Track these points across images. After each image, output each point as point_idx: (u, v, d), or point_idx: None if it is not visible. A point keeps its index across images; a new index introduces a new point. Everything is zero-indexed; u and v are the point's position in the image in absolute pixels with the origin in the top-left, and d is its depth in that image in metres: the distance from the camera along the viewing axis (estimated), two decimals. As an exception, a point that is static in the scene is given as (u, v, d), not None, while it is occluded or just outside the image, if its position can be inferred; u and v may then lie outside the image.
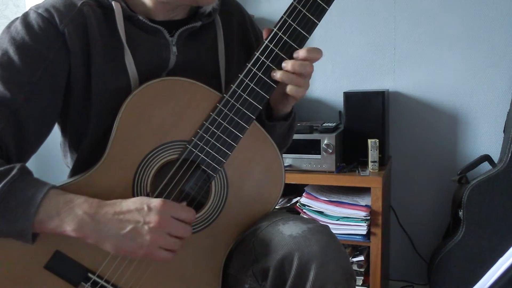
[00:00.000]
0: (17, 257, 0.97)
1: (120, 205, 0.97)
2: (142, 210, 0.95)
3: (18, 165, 0.96)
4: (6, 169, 0.94)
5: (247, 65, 1.06)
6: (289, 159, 2.29)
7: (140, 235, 0.94)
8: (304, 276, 0.96)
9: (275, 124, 1.20)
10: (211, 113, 1.06)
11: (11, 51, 1.01)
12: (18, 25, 1.04)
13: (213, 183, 1.08)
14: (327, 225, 1.05)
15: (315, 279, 0.94)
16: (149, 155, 1.04)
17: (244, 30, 1.27)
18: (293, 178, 2.27)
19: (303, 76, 1.08)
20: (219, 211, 1.09)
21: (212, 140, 1.05)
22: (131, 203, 0.97)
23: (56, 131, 1.16)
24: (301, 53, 1.06)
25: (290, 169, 2.29)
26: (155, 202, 0.96)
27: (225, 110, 1.06)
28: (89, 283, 1.00)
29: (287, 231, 1.02)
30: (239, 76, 1.06)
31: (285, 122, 1.22)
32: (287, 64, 1.06)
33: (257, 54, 1.06)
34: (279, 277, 0.99)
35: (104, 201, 0.97)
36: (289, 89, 1.08)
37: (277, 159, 1.13)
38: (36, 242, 0.96)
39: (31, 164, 1.04)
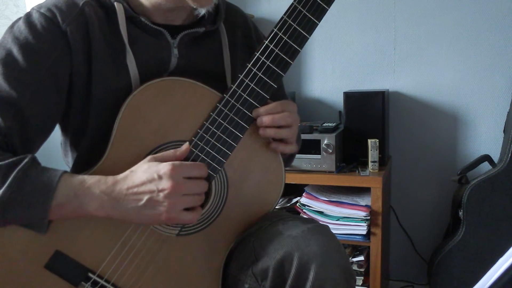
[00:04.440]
0: (17, 256, 0.97)
1: (131, 178, 0.97)
2: (153, 179, 0.96)
3: (29, 155, 0.97)
4: (18, 159, 0.95)
5: (247, 65, 1.06)
6: (289, 159, 2.28)
7: (158, 203, 0.96)
8: (303, 276, 0.96)
9: None
10: (211, 113, 1.06)
11: (15, 51, 1.02)
12: (21, 25, 1.04)
13: (213, 183, 1.08)
14: (327, 225, 1.06)
15: (314, 279, 0.94)
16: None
17: (248, 40, 1.27)
18: (293, 178, 2.27)
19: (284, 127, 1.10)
20: (219, 211, 1.09)
21: (212, 140, 1.05)
22: (142, 174, 0.97)
23: (56, 131, 1.16)
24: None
25: (290, 169, 2.28)
26: (164, 168, 0.97)
27: (225, 110, 1.06)
28: (89, 283, 1.00)
29: (287, 231, 1.02)
30: (239, 77, 1.06)
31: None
32: (262, 120, 1.07)
33: (257, 54, 1.06)
34: (279, 277, 0.99)
35: (116, 177, 0.98)
36: (274, 146, 1.12)
37: (277, 160, 1.14)
38: (36, 242, 0.97)
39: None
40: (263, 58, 1.06)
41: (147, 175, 0.97)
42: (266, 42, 1.06)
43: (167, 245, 1.05)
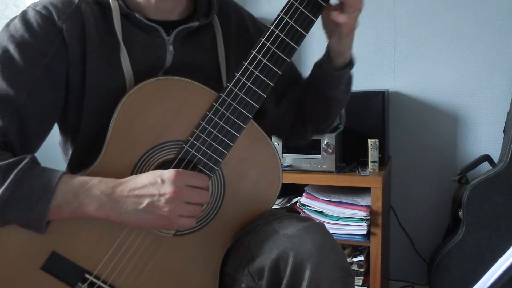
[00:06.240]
0: (13, 258, 0.97)
1: (134, 181, 0.97)
2: (156, 183, 0.96)
3: (29, 155, 0.97)
4: (18, 159, 0.95)
5: (244, 64, 1.05)
6: (289, 159, 2.29)
7: (157, 208, 0.95)
8: (299, 275, 0.95)
9: (344, 72, 1.19)
10: (207, 112, 1.04)
11: (11, 49, 1.02)
12: (17, 23, 1.04)
13: (210, 182, 1.07)
14: (323, 223, 1.05)
15: (310, 278, 0.94)
16: (146, 156, 1.04)
17: (244, 32, 1.26)
18: (293, 178, 2.27)
19: None
20: (216, 211, 1.09)
21: (209, 140, 1.04)
22: (145, 178, 0.97)
23: (55, 131, 1.16)
24: None
25: (290, 169, 2.29)
26: (168, 173, 0.97)
27: (222, 109, 1.05)
28: (86, 284, 1.00)
29: (282, 229, 1.01)
30: (236, 75, 1.05)
31: (350, 68, 1.21)
32: None
33: (254, 52, 1.05)
34: (274, 276, 0.98)
35: (119, 180, 0.98)
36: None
37: (274, 159, 1.13)
38: (33, 243, 0.96)
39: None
40: (259, 56, 1.05)
41: (150, 179, 0.97)
42: (263, 40, 1.04)
43: (164, 245, 1.05)
